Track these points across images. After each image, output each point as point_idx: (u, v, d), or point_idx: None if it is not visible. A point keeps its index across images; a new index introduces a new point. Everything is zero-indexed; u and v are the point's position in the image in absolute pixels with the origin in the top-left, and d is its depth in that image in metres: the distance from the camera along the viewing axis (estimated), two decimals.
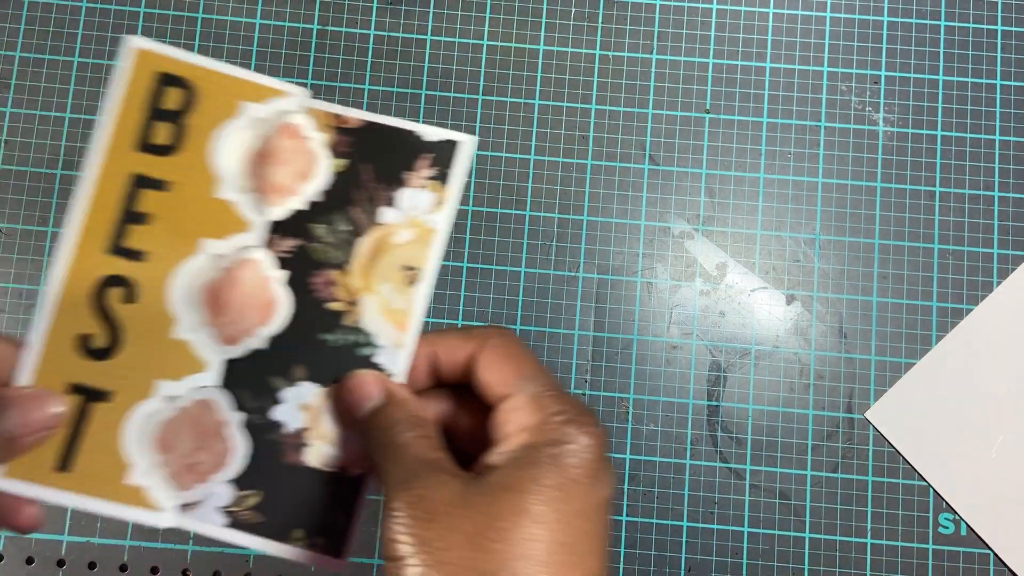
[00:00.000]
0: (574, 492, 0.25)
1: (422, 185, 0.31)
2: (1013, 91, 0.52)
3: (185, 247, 0.29)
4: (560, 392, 0.28)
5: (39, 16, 0.52)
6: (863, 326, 0.50)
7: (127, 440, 0.29)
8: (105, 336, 0.29)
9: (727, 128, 0.52)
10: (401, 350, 0.30)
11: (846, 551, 0.48)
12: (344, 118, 0.31)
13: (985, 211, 0.51)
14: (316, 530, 0.30)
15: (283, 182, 0.30)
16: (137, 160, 0.29)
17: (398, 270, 0.31)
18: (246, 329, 0.30)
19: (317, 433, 0.30)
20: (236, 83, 0.30)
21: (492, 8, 0.53)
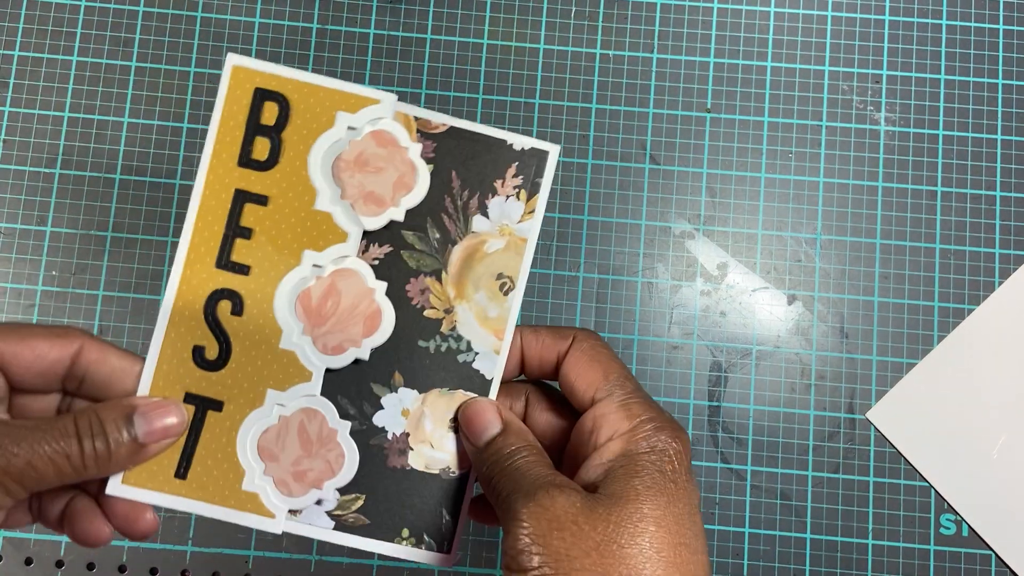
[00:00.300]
0: (679, 495, 0.27)
1: (511, 194, 0.31)
2: (1015, 90, 0.52)
3: (287, 259, 0.30)
4: (646, 398, 0.29)
5: (38, 15, 0.52)
6: (864, 326, 0.50)
7: (240, 447, 0.30)
8: (216, 347, 0.30)
9: (728, 127, 0.52)
10: (498, 356, 0.31)
11: (847, 552, 0.48)
12: (428, 122, 0.31)
13: (987, 211, 0.51)
14: (423, 530, 0.31)
15: (379, 191, 0.31)
16: (240, 176, 0.30)
17: (492, 279, 0.31)
18: (350, 339, 0.31)
19: (418, 437, 0.31)
20: (329, 94, 0.30)
21: (492, 7, 0.53)
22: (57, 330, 0.29)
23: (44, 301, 0.50)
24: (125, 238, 0.50)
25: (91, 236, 0.50)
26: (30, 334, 0.29)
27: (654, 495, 0.26)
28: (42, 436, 0.27)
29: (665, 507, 0.26)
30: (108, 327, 0.50)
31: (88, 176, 0.51)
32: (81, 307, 0.50)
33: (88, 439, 0.28)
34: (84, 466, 0.28)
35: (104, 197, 0.51)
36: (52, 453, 0.27)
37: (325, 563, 0.48)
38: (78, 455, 0.27)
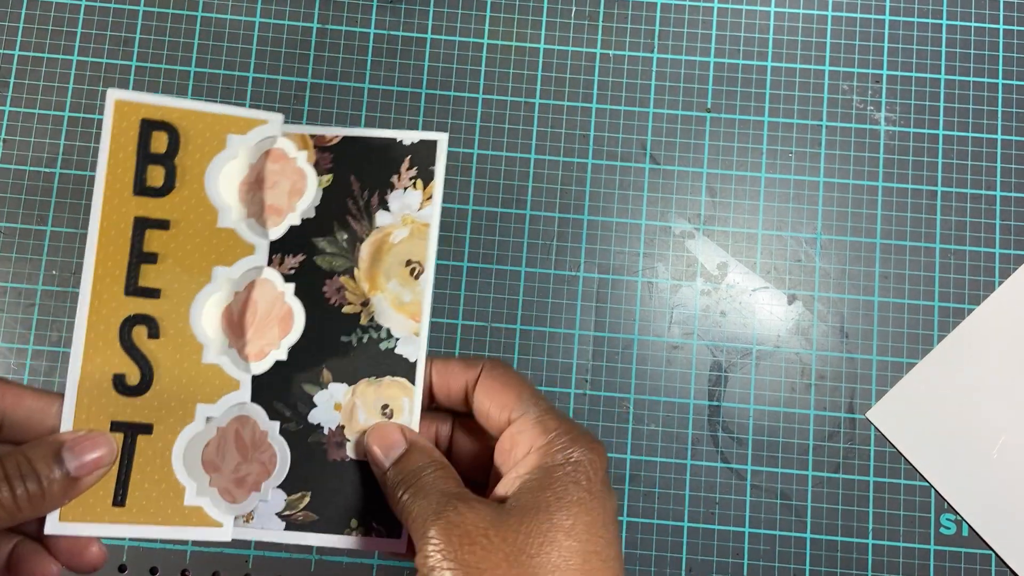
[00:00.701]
0: (593, 505, 0.27)
1: (407, 185, 0.33)
2: (1015, 90, 0.52)
3: (197, 277, 0.31)
4: (561, 414, 0.30)
5: (38, 15, 0.52)
6: (864, 326, 0.50)
7: (177, 465, 0.30)
8: (138, 372, 0.31)
9: (728, 127, 0.52)
10: (418, 337, 0.33)
11: (847, 552, 0.48)
12: (322, 136, 0.33)
13: (987, 211, 0.51)
14: (372, 517, 0.32)
15: (277, 202, 0.32)
16: (138, 204, 0.31)
17: (401, 266, 0.33)
18: (270, 342, 0.32)
19: (353, 428, 0.32)
20: (218, 118, 0.31)
21: (492, 7, 0.53)
22: None
23: (44, 301, 0.50)
24: None
25: None
26: None
27: (565, 505, 0.27)
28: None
29: (576, 517, 0.27)
30: None
31: (88, 176, 0.51)
32: None
33: (19, 481, 0.27)
34: (19, 508, 0.27)
35: None
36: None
37: (325, 563, 0.48)
38: (10, 499, 0.27)
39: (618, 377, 0.50)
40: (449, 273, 0.50)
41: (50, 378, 0.49)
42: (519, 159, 0.52)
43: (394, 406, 0.33)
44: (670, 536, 0.48)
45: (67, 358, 0.49)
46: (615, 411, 0.49)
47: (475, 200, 0.51)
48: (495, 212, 0.51)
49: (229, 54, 0.52)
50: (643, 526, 0.48)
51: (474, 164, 0.51)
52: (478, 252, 0.51)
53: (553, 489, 0.27)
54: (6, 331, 0.49)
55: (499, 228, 0.51)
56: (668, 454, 0.49)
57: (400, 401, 0.33)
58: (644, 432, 0.49)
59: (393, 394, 0.33)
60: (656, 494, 0.49)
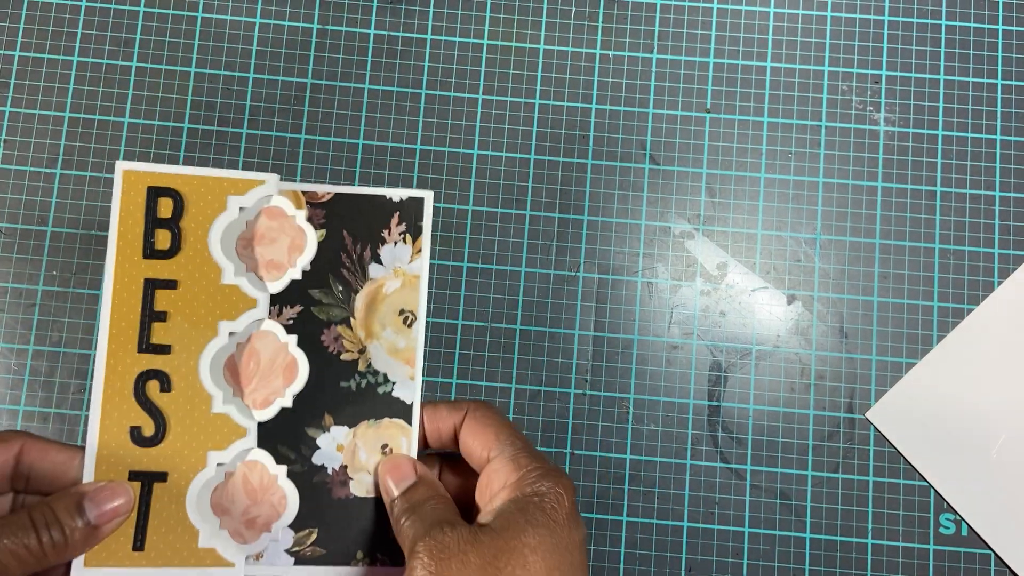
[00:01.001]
0: (557, 531, 0.30)
1: (397, 240, 0.35)
2: (1014, 90, 0.52)
3: (204, 332, 0.33)
4: (533, 452, 0.33)
5: (39, 15, 0.52)
6: (864, 326, 0.50)
7: (191, 509, 0.33)
8: (153, 425, 0.33)
9: (728, 128, 0.52)
10: (413, 381, 0.35)
11: (847, 551, 0.48)
12: (315, 193, 0.35)
13: (986, 211, 0.51)
14: (376, 548, 0.34)
15: (276, 258, 0.34)
16: (147, 266, 0.33)
17: (395, 315, 0.35)
18: (274, 391, 0.34)
19: (356, 466, 0.35)
20: (217, 182, 0.34)
21: (492, 8, 0.53)
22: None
23: (44, 301, 0.50)
24: None
25: (91, 236, 0.50)
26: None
27: (534, 527, 0.30)
28: (2, 532, 0.29)
29: (542, 538, 0.30)
30: None
31: (88, 176, 0.51)
32: (81, 307, 0.50)
33: (44, 530, 0.30)
34: (45, 555, 0.30)
35: (104, 197, 0.51)
36: (13, 547, 0.29)
37: None
38: (37, 546, 0.30)
39: (618, 377, 0.50)
40: (449, 273, 0.50)
41: (51, 378, 0.49)
42: (519, 159, 0.52)
43: (393, 445, 0.35)
44: (670, 536, 0.48)
45: (67, 358, 0.49)
46: (615, 411, 0.49)
47: (475, 200, 0.51)
48: (495, 212, 0.51)
49: (229, 54, 0.52)
50: (643, 526, 0.48)
51: (474, 164, 0.51)
52: (478, 252, 0.51)
53: (523, 514, 0.30)
54: (6, 331, 0.49)
55: (499, 228, 0.51)
56: (668, 454, 0.49)
57: (399, 440, 0.35)
58: (644, 432, 0.49)
59: (392, 434, 0.35)
60: (656, 494, 0.49)
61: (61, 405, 0.49)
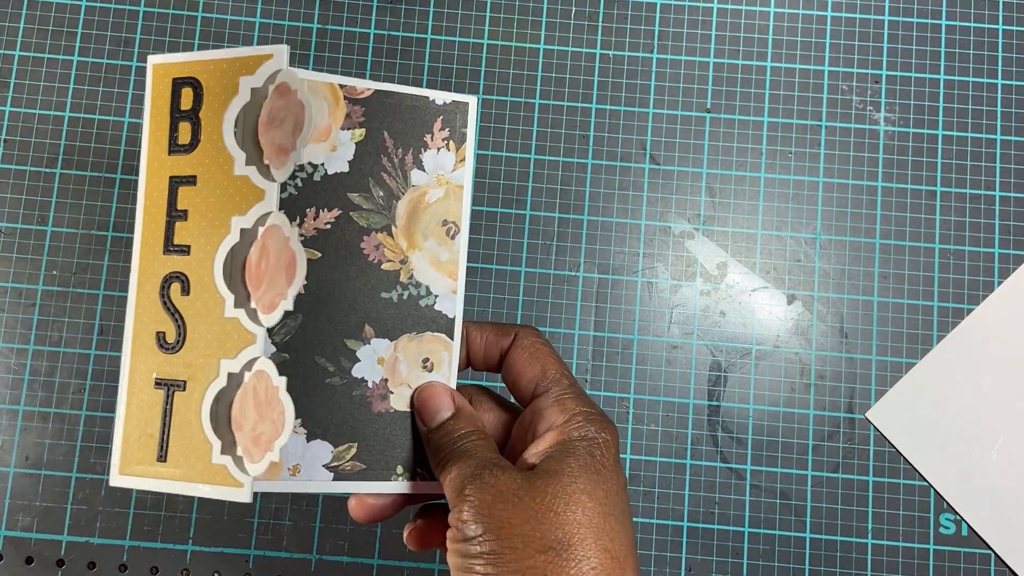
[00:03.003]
0: (607, 475, 0.30)
1: (440, 146, 0.34)
2: (1014, 90, 0.52)
3: (219, 230, 0.31)
4: (580, 393, 0.32)
5: (39, 15, 0.52)
6: (864, 326, 0.50)
7: (205, 422, 0.31)
8: (175, 329, 0.31)
9: (728, 127, 0.52)
10: (456, 295, 0.34)
11: (847, 551, 0.48)
12: (353, 88, 0.33)
13: (986, 211, 0.51)
14: (417, 463, 0.33)
15: (283, 142, 0.31)
16: (172, 163, 0.31)
17: (438, 225, 0.34)
18: (279, 292, 0.31)
19: (396, 380, 0.33)
20: (230, 63, 0.31)
21: (492, 8, 0.53)
22: None
23: (44, 301, 0.50)
24: (125, 238, 0.50)
25: (91, 236, 0.50)
26: None
27: (586, 472, 0.29)
28: None
29: (596, 483, 0.29)
30: (108, 327, 0.50)
31: (88, 176, 0.51)
32: (81, 307, 0.50)
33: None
34: None
35: (104, 197, 0.51)
36: None
37: (325, 562, 0.48)
38: None
39: (618, 377, 0.50)
40: None
41: (51, 378, 0.49)
42: (519, 159, 0.52)
43: (434, 360, 0.34)
44: (670, 536, 0.48)
45: (67, 358, 0.49)
46: (615, 411, 0.49)
47: (475, 200, 0.51)
48: (495, 212, 0.51)
49: None
50: (643, 526, 0.48)
51: (474, 164, 0.51)
52: (478, 252, 0.51)
53: (573, 460, 0.30)
54: (6, 331, 0.49)
55: (499, 228, 0.51)
56: (668, 454, 0.49)
57: (440, 355, 0.34)
58: (644, 432, 0.49)
59: (433, 348, 0.34)
60: (656, 494, 0.49)
61: (61, 405, 0.49)
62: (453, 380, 0.34)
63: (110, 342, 0.49)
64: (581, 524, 0.28)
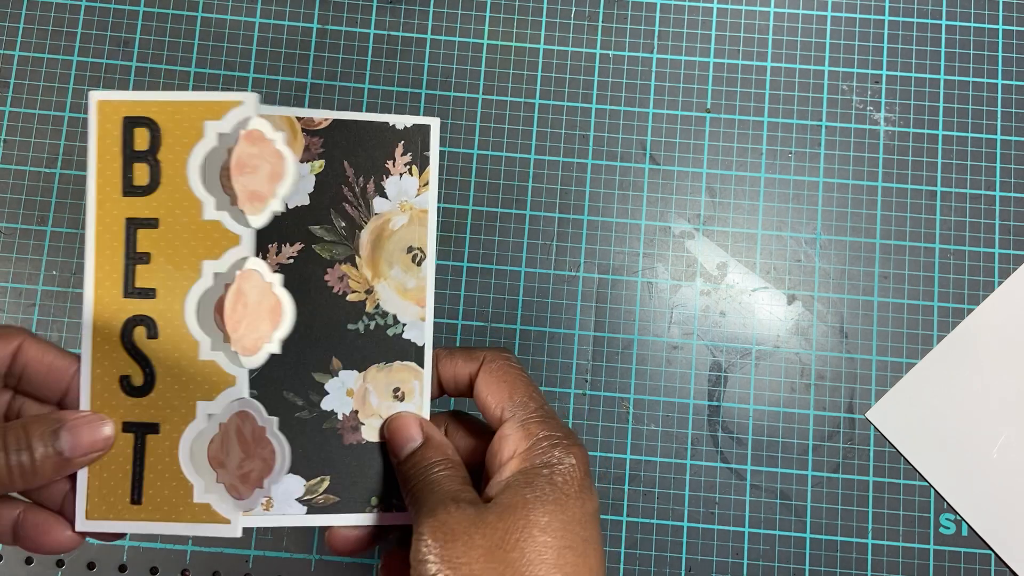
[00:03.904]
0: (568, 504, 0.29)
1: (403, 171, 0.33)
2: (1014, 90, 0.52)
3: (188, 274, 0.31)
4: (546, 416, 0.31)
5: (38, 15, 0.52)
6: (864, 326, 0.50)
7: (184, 463, 0.31)
8: (141, 373, 0.31)
9: (728, 127, 0.52)
10: (424, 323, 0.33)
11: (847, 551, 0.48)
12: (311, 120, 0.32)
13: (986, 211, 0.51)
14: (390, 494, 0.33)
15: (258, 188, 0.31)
16: (127, 204, 0.31)
17: (403, 253, 0.33)
18: (262, 336, 0.31)
19: (367, 412, 0.33)
20: (193, 107, 0.31)
21: (492, 7, 0.53)
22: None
23: (44, 301, 0.50)
24: None
25: None
26: None
27: (542, 503, 0.28)
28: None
29: (552, 515, 0.28)
30: None
31: None
32: (81, 307, 0.50)
33: (14, 453, 0.28)
34: (11, 479, 0.29)
35: None
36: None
37: (325, 562, 0.48)
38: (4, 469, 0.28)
39: (618, 377, 0.50)
40: (449, 273, 0.50)
41: None
42: (519, 159, 0.52)
43: (405, 389, 0.33)
44: (670, 536, 0.48)
45: None
46: (615, 411, 0.49)
47: (475, 200, 0.51)
48: (495, 212, 0.51)
49: (229, 54, 0.52)
50: (643, 526, 0.48)
51: (474, 164, 0.51)
52: (478, 252, 0.51)
53: (532, 489, 0.29)
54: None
55: (499, 228, 0.51)
56: (668, 454, 0.49)
57: (411, 384, 0.33)
58: (644, 432, 0.49)
59: (404, 377, 0.33)
60: (656, 494, 0.49)
61: None
62: (426, 409, 0.33)
63: None
64: (531, 561, 0.27)
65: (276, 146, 0.31)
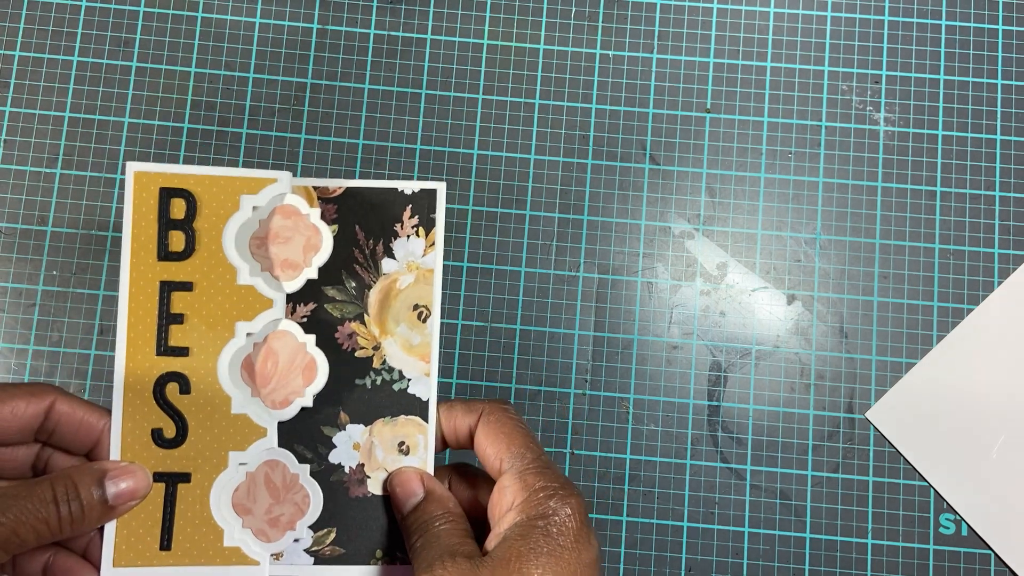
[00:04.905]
0: (564, 556, 0.29)
1: (410, 233, 0.35)
2: (1014, 90, 0.52)
3: (222, 334, 0.33)
4: (543, 467, 0.32)
5: (39, 15, 0.52)
6: (864, 326, 0.50)
7: (215, 509, 0.33)
8: (173, 426, 0.33)
9: (728, 127, 0.52)
10: (429, 378, 0.35)
11: (846, 551, 0.48)
12: (326, 188, 0.35)
13: (986, 211, 0.51)
14: (395, 547, 0.34)
15: (292, 257, 0.34)
16: (162, 268, 0.33)
17: (409, 310, 0.35)
18: (294, 391, 0.34)
19: (373, 465, 0.34)
20: (230, 181, 0.34)
21: (492, 8, 0.53)
22: (32, 387, 0.32)
23: (44, 301, 0.50)
24: None
25: (91, 236, 0.50)
26: (7, 394, 0.31)
27: (536, 555, 0.29)
28: (24, 504, 0.29)
29: (546, 566, 0.29)
30: (109, 327, 0.50)
31: (88, 176, 0.51)
32: (81, 307, 0.50)
33: (65, 504, 0.30)
34: (60, 529, 0.30)
35: (104, 197, 0.51)
36: (33, 520, 0.29)
37: None
38: (55, 519, 0.30)
39: (618, 377, 0.50)
40: (449, 273, 0.50)
41: (51, 378, 0.49)
42: (519, 159, 0.52)
43: (410, 443, 0.35)
44: (670, 536, 0.48)
45: (67, 358, 0.49)
46: (615, 411, 0.49)
47: (475, 200, 0.51)
48: (495, 212, 0.51)
49: (229, 54, 0.52)
50: (643, 526, 0.48)
51: (474, 164, 0.51)
52: (478, 252, 0.51)
53: (527, 541, 0.29)
54: (6, 331, 0.49)
55: (499, 228, 0.51)
56: (668, 454, 0.49)
57: (416, 438, 0.35)
58: (644, 432, 0.49)
59: (408, 432, 0.35)
60: (656, 494, 0.49)
61: None
62: (430, 462, 0.34)
63: (110, 342, 0.49)
64: None
65: (311, 220, 0.34)
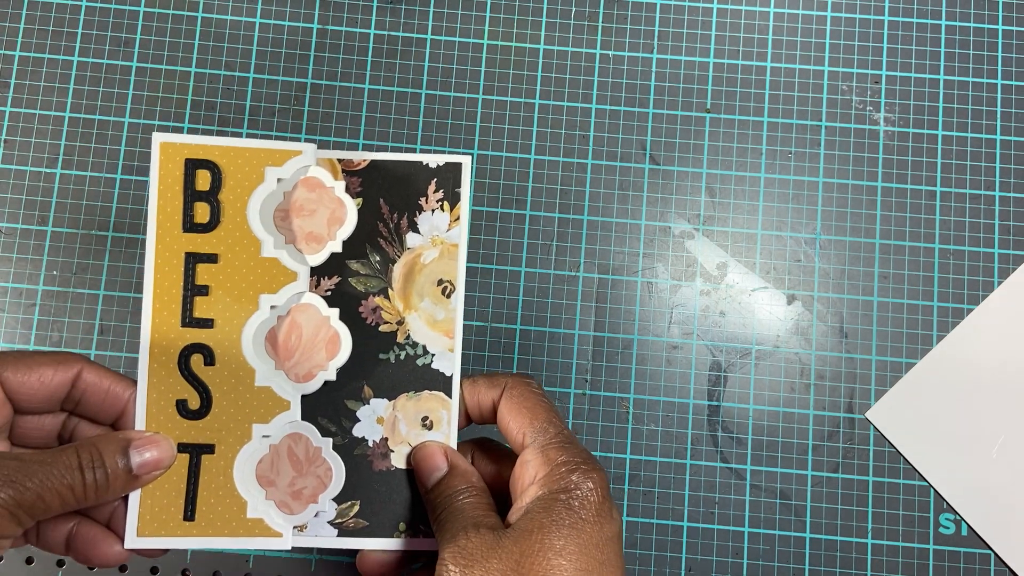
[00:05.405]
0: (586, 528, 0.29)
1: (435, 207, 0.35)
2: (1014, 90, 0.52)
3: (246, 306, 0.33)
4: (565, 441, 0.32)
5: (39, 15, 0.52)
6: (864, 326, 0.50)
7: (239, 480, 0.33)
8: (198, 398, 0.33)
9: (728, 127, 0.52)
10: (453, 353, 0.35)
11: (846, 551, 0.48)
12: (350, 161, 0.35)
13: (986, 211, 0.51)
14: (418, 520, 0.34)
15: (316, 230, 0.34)
16: (187, 240, 0.33)
17: (433, 285, 0.35)
18: (318, 364, 0.34)
19: (396, 439, 0.34)
20: (255, 153, 0.33)
21: (492, 8, 0.53)
22: (59, 356, 0.32)
23: (44, 301, 0.50)
24: (125, 238, 0.50)
25: (91, 236, 0.50)
26: (35, 362, 0.32)
27: (558, 527, 0.29)
28: (50, 470, 0.29)
29: (567, 539, 0.29)
30: (109, 327, 0.50)
31: (88, 176, 0.51)
32: (81, 307, 0.50)
33: (90, 471, 0.30)
34: (85, 496, 0.30)
35: (104, 197, 0.51)
36: (59, 485, 0.29)
37: (325, 562, 0.48)
38: (80, 486, 0.30)
39: (618, 377, 0.50)
40: None
41: None
42: (519, 159, 0.52)
43: (433, 418, 0.35)
44: (670, 536, 0.48)
45: None
46: (615, 411, 0.49)
47: (475, 200, 0.51)
48: (495, 212, 0.51)
49: (229, 54, 0.52)
50: (643, 526, 0.48)
51: (474, 164, 0.51)
52: (478, 252, 0.51)
53: (549, 514, 0.29)
54: (6, 331, 0.49)
55: (499, 228, 0.51)
56: (668, 454, 0.49)
57: (439, 413, 0.35)
58: (644, 432, 0.49)
59: (432, 407, 0.35)
60: (656, 494, 0.49)
61: None
62: (453, 437, 0.35)
63: (110, 342, 0.49)
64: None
65: (336, 193, 0.34)
